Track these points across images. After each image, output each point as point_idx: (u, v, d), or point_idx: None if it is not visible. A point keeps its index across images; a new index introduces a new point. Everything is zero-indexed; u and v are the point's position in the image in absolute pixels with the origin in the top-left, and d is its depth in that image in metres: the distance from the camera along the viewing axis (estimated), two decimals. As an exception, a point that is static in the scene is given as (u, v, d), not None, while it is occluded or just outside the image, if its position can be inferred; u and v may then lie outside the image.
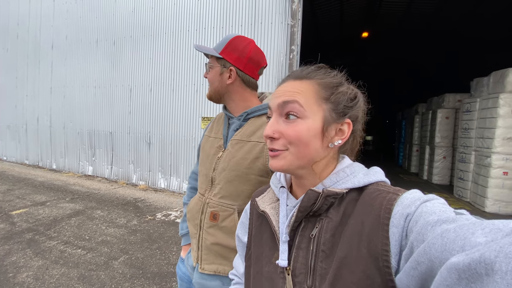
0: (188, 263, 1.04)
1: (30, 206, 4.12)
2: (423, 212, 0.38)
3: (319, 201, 0.48)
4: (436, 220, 0.35)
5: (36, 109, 7.22)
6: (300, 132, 0.49)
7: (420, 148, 8.73)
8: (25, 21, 7.36)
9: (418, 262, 0.34)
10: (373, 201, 0.45)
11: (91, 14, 6.18)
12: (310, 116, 0.50)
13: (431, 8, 7.78)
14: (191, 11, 5.08)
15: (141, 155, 5.67)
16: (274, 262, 0.53)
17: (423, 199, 0.41)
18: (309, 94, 0.51)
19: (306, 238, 0.50)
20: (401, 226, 0.40)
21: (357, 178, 0.50)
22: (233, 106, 0.98)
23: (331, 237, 0.47)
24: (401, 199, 0.43)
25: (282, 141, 0.50)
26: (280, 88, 0.53)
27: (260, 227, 0.61)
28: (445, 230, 0.32)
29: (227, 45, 0.93)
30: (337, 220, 0.48)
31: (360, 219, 0.45)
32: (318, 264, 0.47)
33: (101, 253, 2.79)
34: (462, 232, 0.30)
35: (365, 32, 9.74)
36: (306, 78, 0.52)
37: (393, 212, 0.42)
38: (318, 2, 7.66)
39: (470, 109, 5.30)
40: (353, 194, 0.49)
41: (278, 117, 0.52)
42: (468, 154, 5.35)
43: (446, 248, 0.30)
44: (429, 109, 8.20)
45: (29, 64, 7.32)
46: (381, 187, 0.48)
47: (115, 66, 5.90)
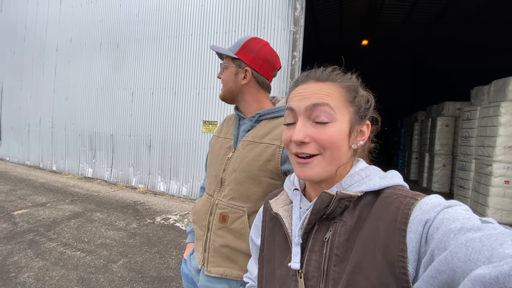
0: (191, 265, 1.02)
1: (31, 206, 4.12)
2: (444, 219, 0.36)
3: (333, 204, 0.47)
4: (460, 228, 0.33)
5: (38, 111, 7.26)
6: (333, 136, 0.48)
7: (420, 156, 8.73)
8: (32, 24, 7.44)
9: (438, 271, 0.32)
10: (389, 205, 0.44)
11: (96, 18, 6.25)
12: (339, 119, 0.50)
13: (431, 17, 7.88)
14: (194, 16, 5.14)
15: (141, 158, 5.68)
16: (287, 265, 0.52)
17: (445, 204, 0.39)
18: (336, 97, 0.50)
19: (320, 242, 0.49)
20: (419, 232, 0.38)
21: (373, 181, 0.49)
22: (246, 107, 0.98)
23: (345, 241, 0.46)
24: (420, 204, 0.41)
25: (314, 145, 0.49)
26: (303, 90, 0.52)
27: (273, 229, 0.60)
28: (470, 239, 0.30)
29: (243, 46, 0.94)
30: (352, 224, 0.47)
31: (376, 223, 0.44)
32: (331, 268, 0.46)
33: (100, 256, 2.78)
34: (490, 242, 0.29)
35: (365, 40, 9.84)
36: (329, 80, 0.52)
37: (411, 217, 0.40)
38: (319, 8, 7.75)
39: (471, 117, 5.33)
40: (369, 198, 0.48)
41: (306, 121, 0.50)
42: (469, 162, 5.35)
43: (470, 258, 0.29)
44: (428, 116, 8.22)
45: (34, 66, 7.38)
46: (398, 191, 0.46)
47: (118, 69, 5.95)
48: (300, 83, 0.54)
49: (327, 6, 7.63)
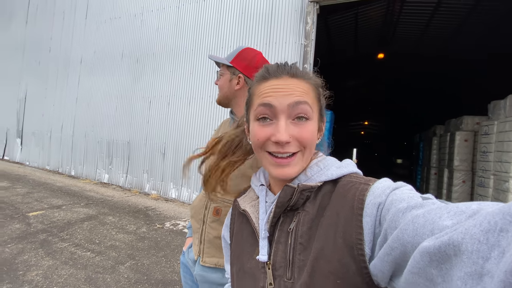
0: (188, 257, 1.08)
1: (46, 208, 4.30)
2: (393, 200, 0.39)
3: (295, 196, 0.49)
4: (406, 207, 0.36)
5: (61, 118, 7.66)
6: (312, 134, 0.50)
7: (439, 171, 8.43)
8: (58, 36, 7.98)
9: (392, 247, 0.35)
10: (346, 192, 0.46)
11: (119, 32, 6.64)
12: (313, 117, 0.51)
13: (448, 32, 7.79)
14: (210, 31, 5.36)
15: (155, 165, 5.83)
16: (255, 258, 0.53)
17: (392, 187, 0.42)
18: (311, 95, 0.51)
19: (285, 232, 0.51)
20: (373, 215, 0.41)
21: (330, 171, 0.51)
22: (239, 110, 1.05)
23: (308, 229, 0.48)
24: (372, 189, 0.44)
25: (295, 144, 0.50)
26: (281, 85, 0.51)
27: (240, 225, 0.62)
28: (415, 216, 0.33)
29: (237, 55, 1.03)
30: (314, 213, 0.49)
31: (335, 210, 0.46)
32: (296, 256, 0.48)
33: (109, 257, 2.85)
34: (430, 217, 0.32)
35: (380, 53, 9.81)
36: (302, 77, 0.52)
37: (365, 202, 0.43)
38: (333, 23, 7.86)
39: (488, 132, 5.14)
40: (328, 187, 0.50)
41: (286, 119, 0.50)
42: (487, 178, 5.13)
43: (417, 233, 0.32)
44: (447, 131, 7.99)
45: (58, 76, 7.85)
46: (354, 178, 0.49)
47: (137, 80, 6.23)
48: (273, 76, 0.52)
49: (341, 20, 7.73)
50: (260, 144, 0.52)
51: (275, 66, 0.54)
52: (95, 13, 7.14)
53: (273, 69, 0.53)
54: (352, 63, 10.59)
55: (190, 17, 5.62)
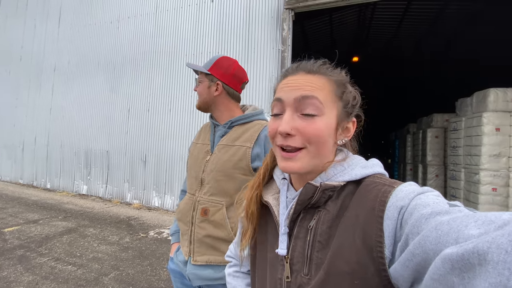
0: (178, 260, 1.11)
1: (22, 224, 4.11)
2: (417, 205, 0.38)
3: (317, 195, 0.49)
4: (430, 213, 0.35)
5: (34, 129, 7.33)
6: (320, 130, 0.49)
7: (414, 167, 8.84)
8: (29, 45, 7.67)
9: (413, 254, 0.34)
10: (368, 193, 0.46)
11: (94, 40, 6.49)
12: (327, 113, 0.50)
13: (418, 34, 8.26)
14: (188, 38, 5.38)
15: (136, 173, 5.72)
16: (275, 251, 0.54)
17: (418, 191, 0.41)
18: (326, 91, 0.50)
19: (304, 229, 0.51)
20: (395, 219, 0.40)
21: (355, 171, 0.51)
22: (219, 115, 1.12)
23: (328, 228, 0.48)
24: (396, 191, 0.43)
25: (299, 139, 0.49)
26: (293, 80, 0.51)
27: (265, 216, 0.62)
28: (439, 223, 0.33)
29: (215, 64, 1.10)
30: (335, 213, 0.49)
31: (355, 211, 0.46)
32: (314, 254, 0.48)
33: (92, 270, 2.78)
34: (456, 225, 0.31)
35: (355, 57, 10.20)
36: (319, 73, 0.52)
37: (387, 204, 0.42)
38: (310, 28, 8.11)
39: (457, 128, 5.50)
40: (351, 187, 0.50)
41: (293, 112, 0.50)
42: (458, 172, 5.46)
43: (440, 241, 0.31)
44: (419, 128, 8.42)
45: (30, 86, 7.53)
46: (377, 179, 0.48)
47: (114, 88, 6.11)
48: (290, 73, 0.53)
49: (317, 25, 7.99)
50: (271, 137, 0.53)
51: (296, 64, 0.55)
52: (68, 20, 6.94)
53: (293, 67, 0.55)
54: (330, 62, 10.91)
55: (167, 24, 5.61)
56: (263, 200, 0.60)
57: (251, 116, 1.09)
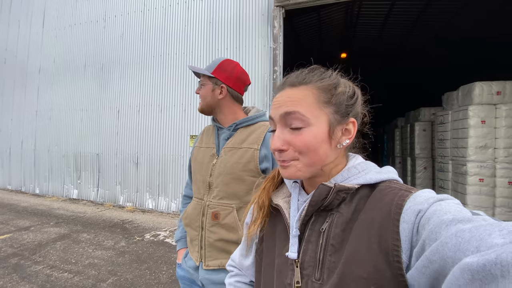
0: (187, 266, 1.11)
1: (14, 231, 4.00)
2: (437, 210, 0.37)
3: (331, 196, 0.48)
4: (451, 219, 0.34)
5: (21, 133, 7.12)
6: (308, 141, 0.49)
7: (402, 160, 9.05)
8: (13, 47, 7.41)
9: (430, 260, 0.33)
10: (384, 197, 0.45)
11: (80, 40, 6.32)
12: (314, 123, 0.49)
13: (405, 30, 8.40)
14: (178, 36, 5.31)
15: (128, 176, 5.64)
16: (285, 254, 0.53)
17: (438, 197, 0.41)
18: (309, 101, 0.50)
19: (316, 232, 0.50)
20: (411, 222, 0.39)
21: (369, 175, 0.50)
22: (223, 118, 1.12)
23: (341, 232, 0.47)
24: (414, 196, 0.43)
25: (291, 152, 0.50)
26: (279, 98, 0.53)
27: (273, 220, 0.61)
28: (460, 230, 0.31)
29: (218, 66, 1.10)
30: (348, 216, 0.48)
31: (371, 214, 0.45)
32: (326, 257, 0.47)
33: (89, 276, 2.75)
34: (478, 233, 0.29)
35: (343, 53, 10.30)
36: (303, 84, 0.52)
37: (404, 208, 0.41)
38: (299, 24, 8.13)
39: (444, 121, 5.65)
40: (365, 191, 0.49)
41: (283, 128, 0.51)
42: (446, 164, 5.63)
43: (460, 248, 0.29)
44: (407, 122, 8.61)
45: (15, 88, 7.29)
46: (393, 184, 0.48)
47: (103, 89, 5.99)
48: (279, 90, 0.55)
49: (306, 22, 8.02)
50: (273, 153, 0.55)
51: (283, 80, 0.57)
52: (53, 20, 6.73)
53: (281, 82, 0.57)
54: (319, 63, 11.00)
55: (156, 23, 5.52)
56: (273, 204, 0.59)
57: (255, 118, 1.09)
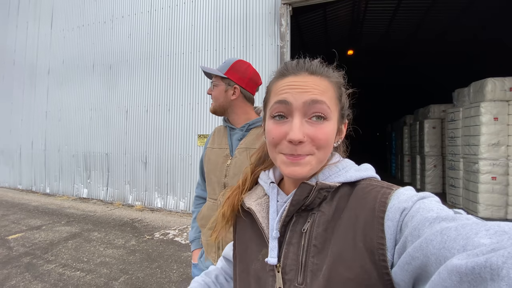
0: (205, 266, 1.10)
1: (25, 230, 4.07)
2: (420, 208, 0.37)
3: (313, 194, 0.46)
4: (435, 217, 0.34)
5: (31, 133, 7.24)
6: (329, 135, 0.47)
7: (411, 158, 8.94)
8: (22, 48, 7.53)
9: (412, 257, 0.33)
10: (366, 195, 0.45)
11: (88, 41, 6.39)
12: (332, 118, 0.48)
13: (412, 27, 8.28)
14: (185, 35, 5.32)
15: (137, 175, 5.69)
16: (262, 259, 0.50)
17: (420, 195, 0.41)
18: (330, 94, 0.49)
19: (297, 233, 0.48)
20: (396, 220, 0.39)
21: (349, 173, 0.49)
22: (235, 118, 1.12)
23: (323, 231, 0.45)
24: (397, 193, 0.42)
25: (309, 146, 0.47)
26: (298, 82, 0.48)
27: (244, 223, 0.58)
28: (445, 228, 0.31)
29: (231, 67, 1.09)
30: (330, 214, 0.46)
31: (354, 212, 0.44)
32: (309, 259, 0.45)
33: (101, 274, 2.78)
34: (465, 232, 0.29)
35: (350, 50, 10.20)
36: (322, 75, 0.49)
37: (388, 205, 0.41)
38: (304, 22, 8.07)
39: (455, 118, 5.55)
40: (345, 189, 0.48)
41: (302, 118, 0.47)
42: (457, 162, 5.53)
43: (445, 246, 0.30)
44: (416, 120, 8.49)
45: (25, 89, 7.41)
46: (374, 182, 0.48)
47: (111, 89, 6.04)
48: (291, 73, 0.50)
49: (312, 19, 7.96)
50: (274, 143, 0.49)
51: (295, 63, 0.52)
52: (60, 22, 6.82)
53: (292, 65, 0.51)
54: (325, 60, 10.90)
55: (163, 23, 5.54)
56: (245, 207, 0.56)
57: None
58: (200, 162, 1.25)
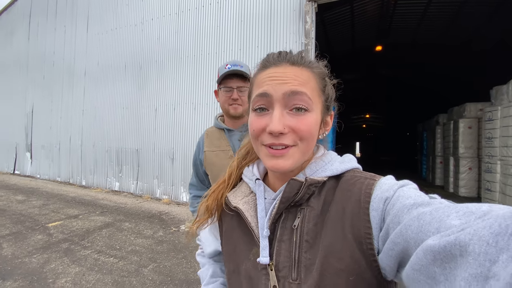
0: None
1: (64, 219, 4.42)
2: (400, 196, 0.39)
3: (302, 190, 0.46)
4: (412, 204, 0.36)
5: (69, 130, 7.81)
6: (311, 126, 0.47)
7: (444, 160, 8.47)
8: (61, 50, 8.13)
9: (394, 243, 0.35)
10: (351, 187, 0.46)
11: (120, 42, 6.76)
12: (314, 109, 0.48)
13: (445, 20, 7.83)
14: (211, 36, 5.46)
15: (165, 170, 5.94)
16: (253, 259, 0.50)
17: (400, 183, 0.42)
18: (312, 85, 0.48)
19: (288, 230, 0.47)
20: (380, 210, 0.41)
21: (334, 166, 0.50)
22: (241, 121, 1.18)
23: (314, 226, 0.46)
24: (379, 184, 0.44)
25: (291, 136, 0.46)
26: (279, 73, 0.48)
27: (231, 223, 0.58)
28: (421, 213, 0.33)
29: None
30: (319, 209, 0.47)
31: (341, 205, 0.45)
32: (302, 255, 0.45)
33: (132, 262, 2.96)
34: (438, 215, 0.31)
35: (378, 46, 9.85)
36: (304, 66, 0.49)
37: (372, 196, 0.42)
38: (330, 19, 7.92)
39: (492, 117, 5.20)
40: (331, 182, 0.49)
41: (282, 109, 0.46)
42: (494, 164, 5.18)
43: (422, 230, 0.31)
44: (450, 119, 8.03)
45: (63, 89, 8.00)
46: (357, 173, 0.48)
47: (141, 89, 6.35)
48: (272, 64, 0.49)
49: (338, 15, 7.79)
50: (256, 135, 0.49)
51: (276, 54, 0.51)
52: (95, 25, 7.27)
53: (274, 57, 0.51)
54: (350, 56, 10.64)
55: (190, 24, 5.72)
56: (232, 207, 0.54)
57: None
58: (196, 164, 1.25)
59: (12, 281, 2.54)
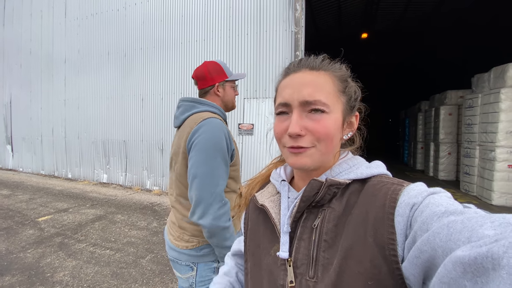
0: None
1: (53, 213, 4.34)
2: (430, 203, 0.38)
3: (322, 190, 0.48)
4: (444, 211, 0.35)
5: (50, 121, 7.51)
6: (329, 128, 0.48)
7: (425, 145, 8.84)
8: (38, 37, 7.68)
9: (421, 250, 0.34)
10: (377, 191, 0.45)
11: (102, 28, 6.46)
12: (333, 110, 0.49)
13: (429, 7, 7.97)
14: (198, 22, 5.33)
15: (154, 161, 5.88)
16: (274, 254, 0.52)
17: (430, 191, 0.41)
18: (329, 87, 0.50)
19: (308, 229, 0.49)
20: (406, 215, 0.40)
21: (360, 169, 0.50)
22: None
23: (334, 227, 0.47)
24: (407, 189, 0.43)
25: (309, 138, 0.48)
26: (298, 79, 0.51)
27: (257, 220, 0.61)
28: (452, 221, 0.32)
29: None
30: (340, 210, 0.47)
31: (365, 209, 0.45)
32: (320, 254, 0.46)
33: (129, 253, 2.98)
34: (470, 224, 0.30)
35: (364, 33, 9.94)
36: (322, 69, 0.51)
37: (398, 201, 0.42)
38: (317, 6, 7.88)
39: (472, 104, 5.44)
40: (356, 185, 0.49)
41: (301, 112, 0.49)
42: (473, 149, 5.47)
43: (451, 238, 0.30)
44: (431, 106, 8.33)
45: (42, 78, 7.62)
46: (385, 179, 0.48)
47: (126, 77, 6.16)
48: (292, 71, 0.53)
49: (325, 2, 7.76)
50: (278, 138, 0.52)
51: (297, 61, 0.54)
52: (74, 10, 6.90)
53: (295, 63, 0.54)
54: (337, 44, 10.69)
55: (176, 9, 5.54)
56: (259, 204, 0.58)
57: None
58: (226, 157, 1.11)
59: (10, 276, 2.52)
